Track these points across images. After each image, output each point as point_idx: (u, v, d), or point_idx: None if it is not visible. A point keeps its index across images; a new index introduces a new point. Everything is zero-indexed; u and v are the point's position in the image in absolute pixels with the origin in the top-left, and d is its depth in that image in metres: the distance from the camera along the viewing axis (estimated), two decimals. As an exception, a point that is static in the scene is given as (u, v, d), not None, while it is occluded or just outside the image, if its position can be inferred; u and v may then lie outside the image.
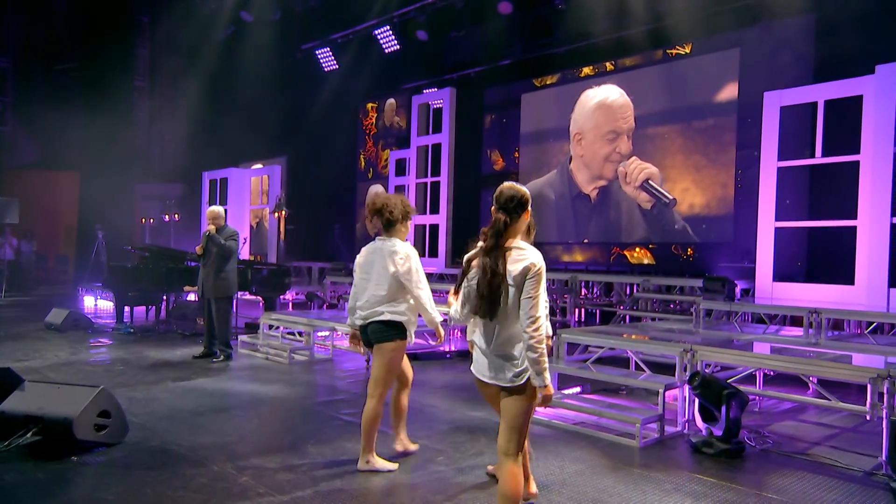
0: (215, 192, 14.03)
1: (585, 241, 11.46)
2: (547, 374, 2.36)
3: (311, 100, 15.11)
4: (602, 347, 5.00)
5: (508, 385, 2.43)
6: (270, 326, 7.73)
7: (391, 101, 14.83)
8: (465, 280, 2.50)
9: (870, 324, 5.94)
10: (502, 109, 13.39)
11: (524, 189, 2.50)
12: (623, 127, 11.12)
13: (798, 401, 4.19)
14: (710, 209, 9.93)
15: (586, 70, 11.79)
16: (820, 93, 7.07)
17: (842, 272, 7.10)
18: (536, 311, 2.35)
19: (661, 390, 4.23)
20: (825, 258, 8.09)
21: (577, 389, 5.31)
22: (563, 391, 5.09)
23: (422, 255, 12.32)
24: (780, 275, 7.81)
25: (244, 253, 12.95)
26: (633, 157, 10.81)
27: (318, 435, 4.25)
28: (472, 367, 2.60)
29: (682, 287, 8.11)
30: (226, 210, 7.57)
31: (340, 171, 15.44)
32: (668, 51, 10.64)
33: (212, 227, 6.56)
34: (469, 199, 13.41)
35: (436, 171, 12.18)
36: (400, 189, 13.29)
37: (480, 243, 2.47)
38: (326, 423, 4.58)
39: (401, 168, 13.11)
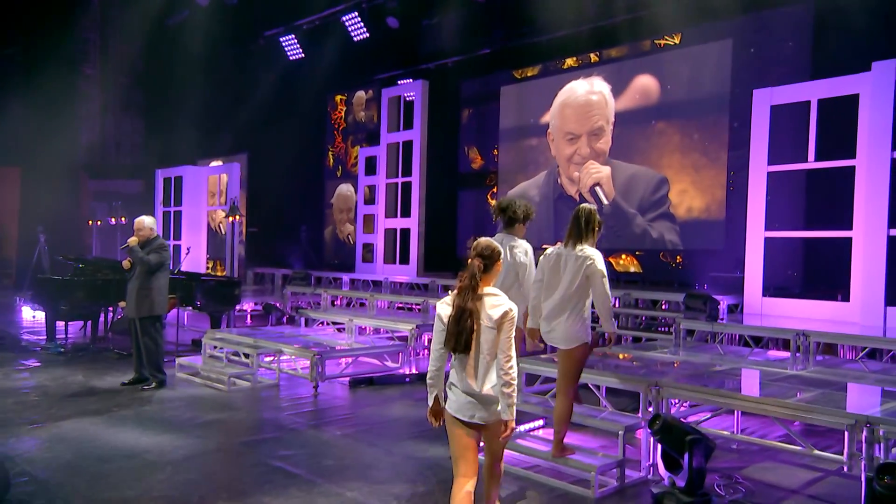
0: (169, 191, 13.72)
1: (559, 243, 11.29)
2: (514, 409, 2.89)
3: (275, 91, 14.85)
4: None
5: (493, 420, 2.89)
6: (216, 346, 7.48)
7: (361, 93, 14.62)
8: (441, 322, 2.90)
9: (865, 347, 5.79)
10: (480, 103, 13.21)
11: (499, 245, 3.01)
12: (582, 128, 11.07)
13: (771, 446, 4.00)
14: (709, 213, 9.78)
15: (569, 61, 11.62)
16: (813, 91, 6.92)
17: (837, 287, 6.97)
18: (512, 352, 2.86)
19: (620, 433, 4.03)
20: (821, 272, 7.97)
21: (540, 423, 5.11)
22: (520, 426, 4.88)
23: (390, 261, 12.21)
24: (772, 289, 7.72)
25: (198, 263, 12.68)
26: (590, 161, 10.83)
27: (234, 487, 4.01)
28: (447, 406, 2.95)
29: (669, 301, 7.93)
30: (177, 213, 7.27)
31: (307, 169, 15.22)
32: (657, 41, 10.48)
33: (133, 240, 6.30)
34: (444, 200, 13.25)
35: (407, 171, 11.95)
36: (370, 189, 13.06)
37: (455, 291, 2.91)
38: (249, 469, 4.34)
39: (371, 166, 12.90)
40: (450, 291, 2.98)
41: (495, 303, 2.87)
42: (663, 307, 8.03)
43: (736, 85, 9.44)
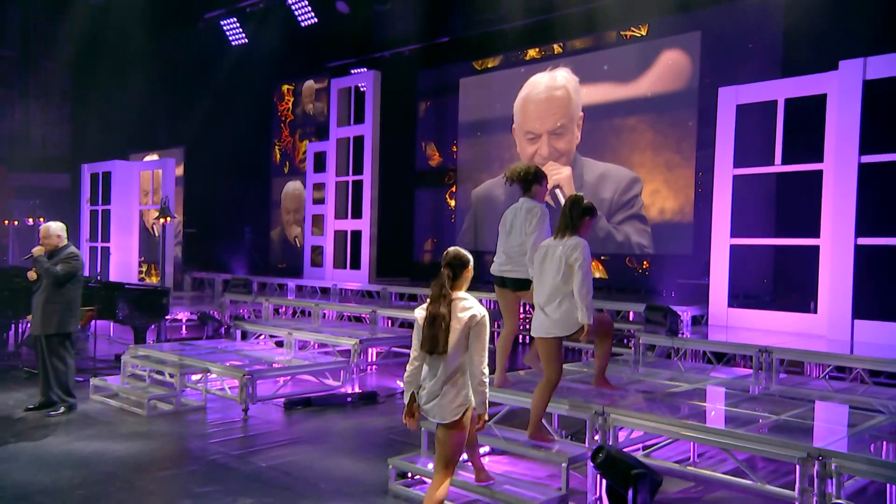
0: (97, 188, 13.25)
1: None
2: (486, 405, 3.43)
3: (217, 80, 14.51)
4: (502, 405, 4.72)
5: (448, 421, 3.35)
6: (137, 364, 7.19)
7: (310, 82, 14.39)
8: (418, 325, 3.40)
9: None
10: (438, 96, 13.15)
11: (468, 254, 3.49)
12: (543, 127, 11.10)
13: (722, 480, 3.97)
14: (683, 215, 9.83)
15: (532, 52, 11.60)
16: (779, 90, 6.99)
17: (809, 297, 7.04)
18: (484, 352, 3.34)
19: (564, 465, 3.96)
20: (792, 280, 8.06)
21: (487, 449, 5.01)
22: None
23: (340, 266, 12.01)
24: (740, 297, 7.81)
25: (129, 268, 12.28)
26: (550, 162, 10.85)
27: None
28: (422, 405, 3.43)
29: (636, 312, 7.94)
30: (106, 212, 6.95)
31: (251, 165, 14.97)
32: (623, 32, 10.51)
33: (38, 249, 6.00)
34: (400, 200, 13.15)
35: (358, 169, 11.77)
36: (319, 187, 12.84)
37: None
38: (156, 511, 4.14)
39: (320, 163, 12.73)
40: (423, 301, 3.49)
41: (465, 306, 3.35)
42: (630, 318, 8.04)
43: (705, 79, 9.52)
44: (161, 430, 5.89)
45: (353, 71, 13.22)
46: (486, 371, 3.33)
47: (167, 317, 9.37)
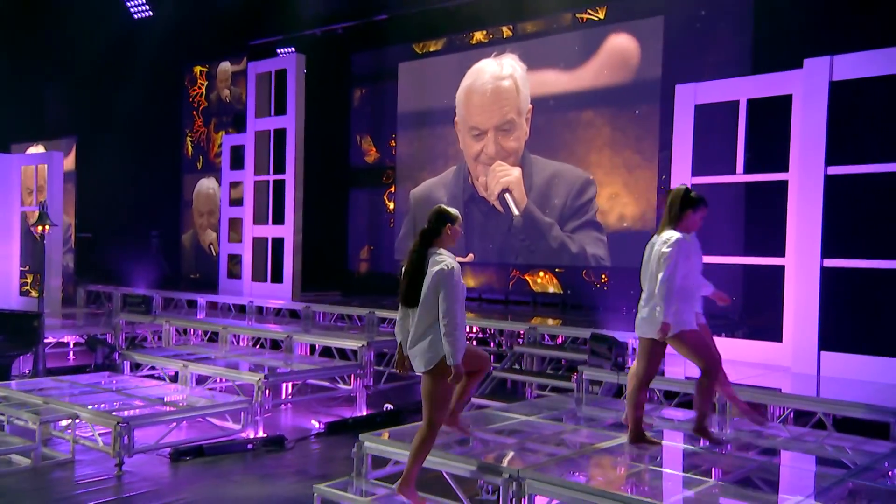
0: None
1: (470, 256, 11.21)
2: (457, 355, 4.00)
3: (115, 59, 14.08)
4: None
5: (423, 370, 4.12)
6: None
7: (226, 64, 14.06)
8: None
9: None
10: (375, 82, 12.99)
11: (447, 209, 4.25)
12: (489, 122, 11.01)
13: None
14: (644, 222, 9.79)
15: (479, 35, 11.53)
16: (741, 89, 6.98)
17: (778, 320, 7.02)
18: (449, 304, 3.98)
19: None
20: (761, 299, 8.07)
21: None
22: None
23: (260, 279, 11.69)
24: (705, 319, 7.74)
25: (8, 279, 11.73)
26: (497, 162, 10.79)
27: None
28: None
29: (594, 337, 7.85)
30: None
31: (158, 159, 14.59)
32: (578, 15, 10.45)
33: None
34: (332, 201, 13.01)
35: (280, 167, 11.47)
36: (236, 187, 12.49)
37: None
38: None
39: (237, 158, 12.41)
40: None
41: (437, 261, 4.05)
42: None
43: (667, 71, 9.49)
44: (11, 492, 5.54)
45: (279, 51, 12.93)
46: (455, 321, 3.96)
47: (45, 342, 8.96)
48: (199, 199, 14.28)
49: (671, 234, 4.47)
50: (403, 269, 4.17)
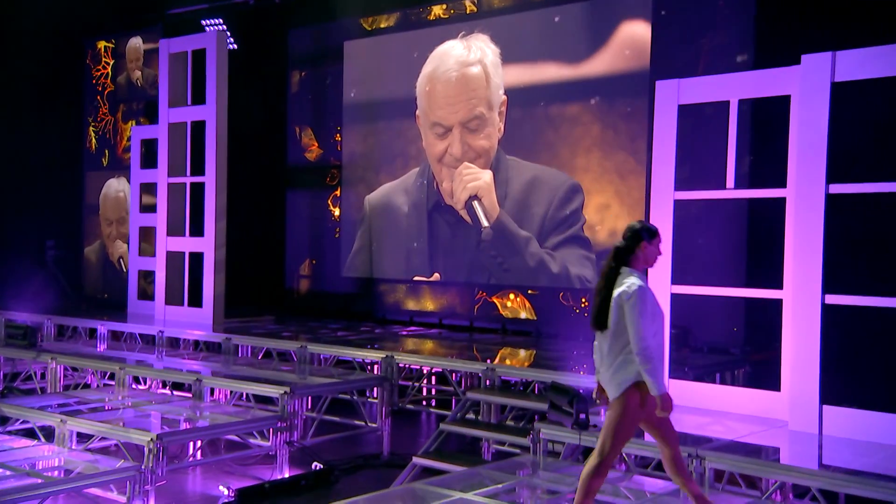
0: None
1: (435, 276, 11.06)
2: (659, 382, 4.37)
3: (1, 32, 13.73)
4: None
5: (611, 399, 4.56)
6: None
7: (137, 40, 13.99)
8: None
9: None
10: (317, 64, 12.92)
11: (645, 225, 4.67)
12: (454, 117, 10.86)
13: None
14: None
15: (437, 10, 11.45)
16: (731, 87, 6.84)
17: (776, 361, 6.90)
18: (636, 328, 4.35)
19: None
20: (766, 329, 7.95)
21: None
22: None
23: (175, 302, 11.43)
24: (702, 352, 7.75)
25: None
26: (464, 164, 10.68)
27: None
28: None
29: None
30: None
31: (55, 154, 14.45)
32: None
33: None
34: (264, 208, 12.94)
35: (199, 168, 11.24)
36: (149, 189, 12.25)
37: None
38: None
39: (150, 155, 12.30)
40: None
41: (622, 282, 4.45)
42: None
43: (657, 60, 9.37)
44: None
45: (203, 23, 12.76)
46: (643, 349, 4.29)
47: None
48: (106, 203, 14.17)
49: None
50: (595, 288, 4.63)
